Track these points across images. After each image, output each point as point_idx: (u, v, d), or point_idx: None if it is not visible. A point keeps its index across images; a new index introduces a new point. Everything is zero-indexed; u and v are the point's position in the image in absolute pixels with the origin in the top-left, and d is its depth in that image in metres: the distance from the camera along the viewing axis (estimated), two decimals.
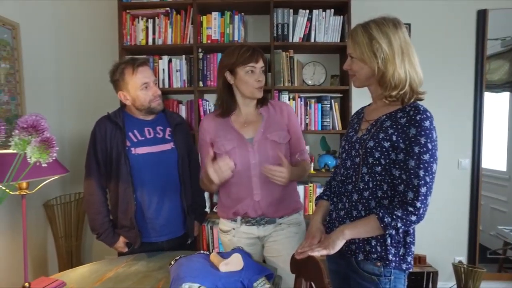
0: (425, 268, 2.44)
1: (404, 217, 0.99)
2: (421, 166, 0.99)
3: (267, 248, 1.47)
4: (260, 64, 1.40)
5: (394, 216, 1.00)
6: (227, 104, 1.46)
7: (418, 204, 0.98)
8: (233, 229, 1.47)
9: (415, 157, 0.99)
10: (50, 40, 2.45)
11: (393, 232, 1.03)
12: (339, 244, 1.04)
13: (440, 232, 2.62)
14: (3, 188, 0.73)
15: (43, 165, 0.66)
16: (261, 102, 1.49)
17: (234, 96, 1.46)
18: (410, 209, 0.99)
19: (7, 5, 1.99)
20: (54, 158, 0.70)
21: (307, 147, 2.32)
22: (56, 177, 1.18)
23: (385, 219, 1.00)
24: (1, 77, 1.93)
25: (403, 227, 1.00)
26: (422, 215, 1.00)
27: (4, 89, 1.95)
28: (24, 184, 1.12)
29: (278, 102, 1.54)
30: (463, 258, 2.64)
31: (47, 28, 2.42)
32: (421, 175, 0.98)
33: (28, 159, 0.67)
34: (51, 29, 2.47)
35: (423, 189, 0.98)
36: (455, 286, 2.51)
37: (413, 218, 0.99)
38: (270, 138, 1.40)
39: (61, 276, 1.30)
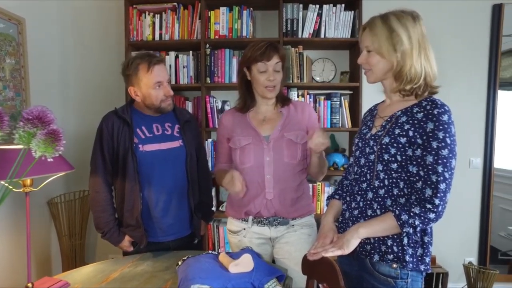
0: (435, 269, 2.41)
1: (422, 214, 0.96)
2: (440, 161, 0.95)
3: (278, 250, 1.43)
4: (274, 61, 1.35)
5: (412, 214, 0.96)
6: (245, 100, 1.46)
7: (437, 201, 0.95)
8: (244, 229, 1.44)
9: (433, 152, 0.96)
10: (55, 36, 2.43)
11: (410, 231, 0.99)
12: (354, 244, 1.02)
13: (450, 233, 2.57)
14: (6, 185, 0.69)
15: (49, 159, 0.62)
16: (282, 102, 1.45)
17: (253, 92, 1.45)
18: (429, 206, 0.95)
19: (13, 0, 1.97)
20: (60, 152, 0.66)
21: None
22: (62, 174, 1.14)
23: (402, 217, 0.97)
24: (6, 73, 1.90)
25: (421, 225, 0.97)
26: (441, 213, 0.96)
27: (9, 84, 1.92)
28: (28, 181, 1.08)
29: (300, 102, 1.51)
30: (473, 259, 2.59)
31: (53, 24, 2.40)
32: (440, 171, 0.95)
33: (33, 153, 0.63)
34: (57, 24, 2.44)
35: (442, 186, 0.95)
36: (466, 287, 2.46)
37: (432, 215, 0.96)
38: (287, 137, 1.37)
39: (65, 276, 1.27)
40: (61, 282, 1.18)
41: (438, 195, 0.95)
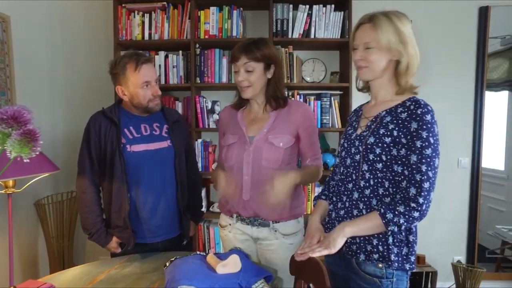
0: (424, 268, 2.43)
1: (406, 213, 0.97)
2: (424, 161, 0.96)
3: (261, 252, 1.43)
4: (242, 61, 1.32)
5: (397, 212, 0.97)
6: (238, 98, 1.46)
7: (421, 200, 0.96)
8: (230, 224, 1.45)
9: (417, 152, 0.97)
10: (42, 34, 2.39)
11: (395, 229, 0.99)
12: (340, 243, 1.02)
13: (439, 232, 2.59)
14: None
15: (25, 160, 0.60)
16: (275, 103, 1.39)
17: None
18: (413, 205, 0.97)
19: None
20: (37, 153, 0.64)
21: None
22: (46, 175, 1.12)
23: (387, 215, 0.98)
24: None
25: (405, 223, 0.98)
26: (425, 211, 0.98)
27: None
28: (10, 182, 1.05)
29: (296, 102, 1.44)
30: (461, 257, 2.62)
31: (40, 22, 2.36)
32: (424, 170, 0.96)
33: (8, 154, 0.61)
34: (44, 22, 2.40)
35: (426, 185, 0.96)
36: (454, 286, 2.49)
37: (416, 214, 0.97)
38: (269, 140, 1.34)
39: (50, 278, 1.25)
40: (45, 285, 1.16)
41: (422, 193, 0.96)
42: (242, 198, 1.37)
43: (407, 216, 0.97)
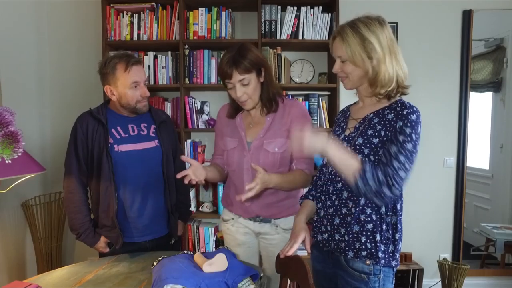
0: (411, 265, 2.46)
1: (380, 183, 0.96)
2: (403, 152, 0.99)
3: (263, 246, 1.46)
4: (237, 78, 1.27)
5: (374, 173, 0.97)
6: (234, 105, 1.43)
7: (394, 181, 0.96)
8: (232, 219, 1.48)
9: (398, 144, 0.99)
10: (30, 35, 2.36)
11: (361, 190, 0.98)
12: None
13: (425, 230, 2.64)
14: None
15: (7, 161, 0.61)
16: (269, 106, 1.37)
17: None
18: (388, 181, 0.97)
19: None
20: (19, 154, 0.64)
21: None
22: (31, 175, 1.11)
23: (366, 168, 0.97)
24: None
25: (372, 191, 0.96)
26: (393, 194, 0.97)
27: None
28: None
29: (290, 102, 1.39)
30: (447, 255, 2.66)
31: (27, 23, 2.33)
32: (402, 160, 0.98)
33: None
34: (31, 24, 2.38)
35: (401, 173, 0.97)
36: (440, 283, 2.54)
37: (386, 190, 0.96)
38: (264, 147, 1.35)
39: (36, 279, 1.24)
40: (31, 285, 1.15)
41: (396, 178, 0.96)
42: (244, 204, 1.38)
43: (378, 184, 0.96)
